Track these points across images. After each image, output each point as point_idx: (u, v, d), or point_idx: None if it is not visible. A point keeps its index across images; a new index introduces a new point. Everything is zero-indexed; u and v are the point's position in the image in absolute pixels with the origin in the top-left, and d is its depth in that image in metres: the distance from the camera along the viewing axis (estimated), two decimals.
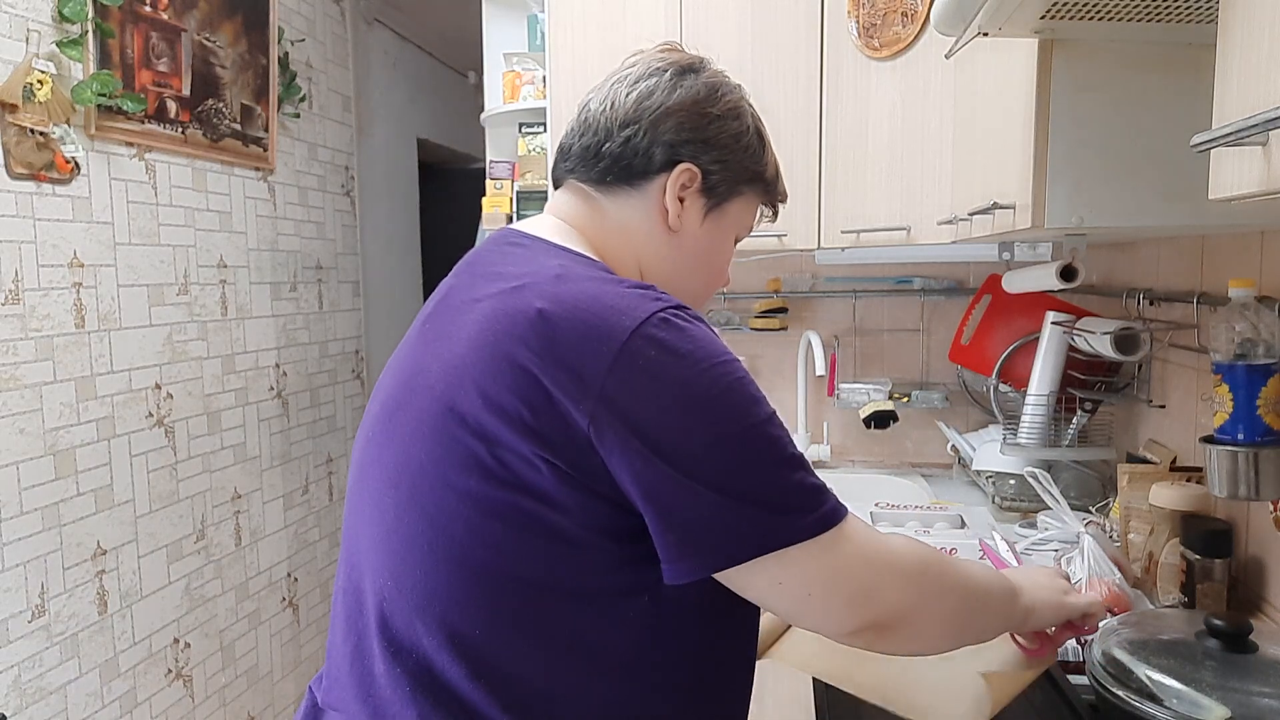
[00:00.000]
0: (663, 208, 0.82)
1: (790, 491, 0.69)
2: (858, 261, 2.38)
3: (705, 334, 0.71)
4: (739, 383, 0.70)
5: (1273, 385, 1.10)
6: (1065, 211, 1.14)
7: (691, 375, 0.67)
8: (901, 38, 1.91)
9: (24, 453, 1.79)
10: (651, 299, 0.70)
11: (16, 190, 1.76)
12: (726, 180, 0.84)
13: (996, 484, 1.98)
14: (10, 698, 1.75)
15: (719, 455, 0.67)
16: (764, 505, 0.68)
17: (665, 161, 0.81)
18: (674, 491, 0.66)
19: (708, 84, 0.83)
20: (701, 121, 0.82)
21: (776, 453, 0.69)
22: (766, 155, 0.88)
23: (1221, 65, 0.68)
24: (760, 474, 0.68)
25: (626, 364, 0.66)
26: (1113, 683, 0.93)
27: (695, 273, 0.87)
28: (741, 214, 0.88)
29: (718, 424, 0.67)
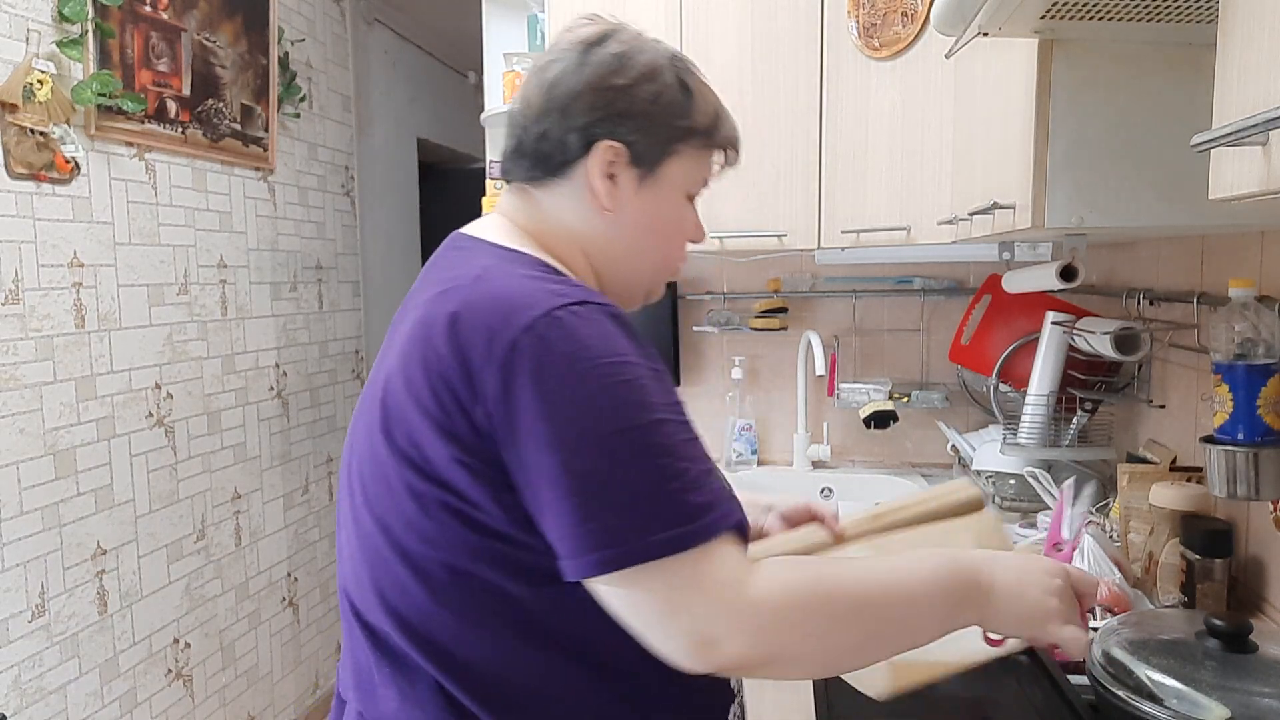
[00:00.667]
0: (592, 191, 0.81)
1: (647, 503, 0.65)
2: (858, 261, 2.38)
3: (600, 331, 0.68)
4: (623, 384, 0.67)
5: (1273, 385, 1.10)
6: (1065, 211, 1.14)
7: (572, 373, 0.66)
8: (901, 38, 1.91)
9: (24, 453, 1.79)
10: (554, 295, 0.69)
11: (16, 190, 1.76)
12: (652, 146, 0.81)
13: (996, 484, 1.98)
14: (10, 698, 1.75)
15: (584, 457, 0.65)
16: (619, 514, 0.65)
17: (583, 145, 0.80)
18: (549, 491, 0.66)
19: (615, 54, 0.81)
20: (611, 95, 0.79)
21: (645, 461, 0.66)
22: (695, 106, 0.82)
23: (1221, 65, 0.68)
24: (620, 481, 0.65)
25: (516, 362, 0.66)
26: (1113, 683, 0.93)
27: (647, 247, 0.84)
28: (685, 172, 0.84)
29: (588, 425, 0.65)
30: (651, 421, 0.67)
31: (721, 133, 0.86)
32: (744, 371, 2.48)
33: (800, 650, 0.68)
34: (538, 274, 0.75)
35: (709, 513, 0.66)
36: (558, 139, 0.80)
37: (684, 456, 0.67)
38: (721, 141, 0.86)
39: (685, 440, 0.69)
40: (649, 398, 0.68)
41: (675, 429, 0.68)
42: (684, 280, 2.53)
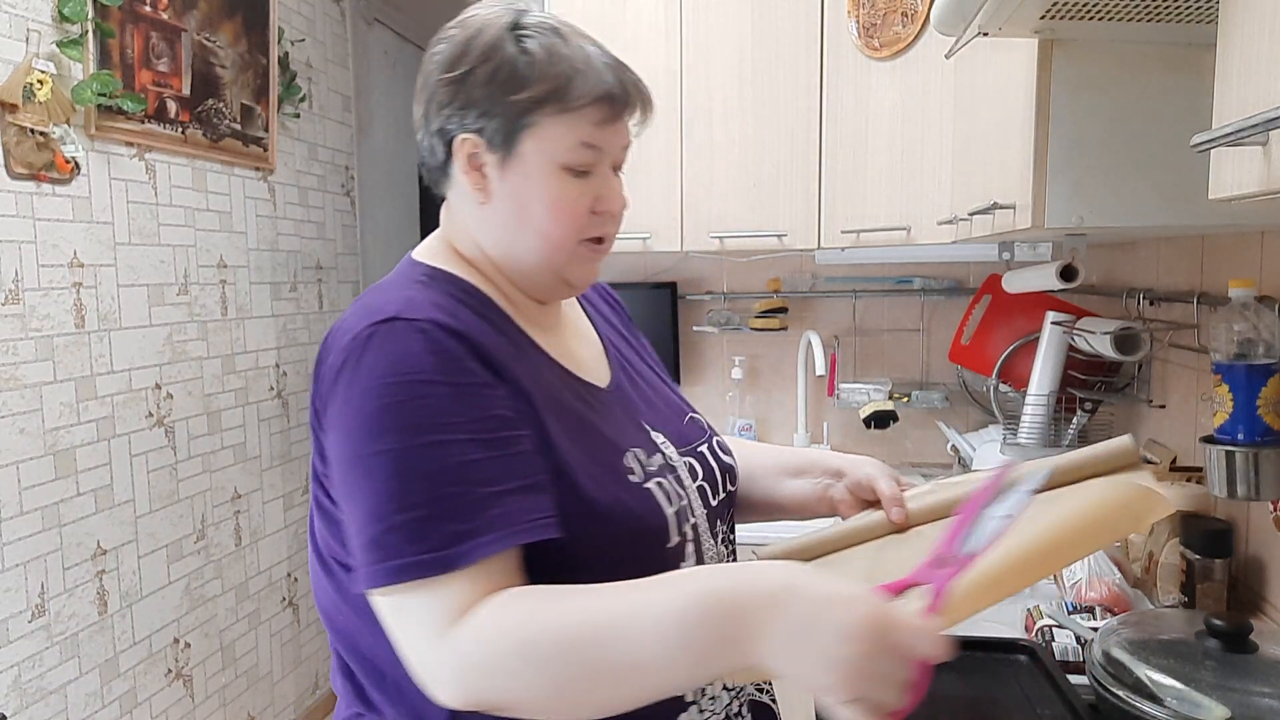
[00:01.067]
0: (467, 187, 0.81)
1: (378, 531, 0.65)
2: (858, 261, 2.38)
3: (399, 350, 0.68)
4: (394, 406, 0.67)
5: (1273, 385, 1.10)
6: (1065, 211, 1.14)
7: (358, 391, 0.68)
8: (901, 38, 1.91)
9: (24, 453, 1.79)
10: (377, 313, 0.71)
11: (16, 190, 1.76)
12: (501, 127, 0.77)
13: None
14: (10, 698, 1.75)
15: (354, 474, 0.68)
16: (365, 534, 0.66)
17: (445, 146, 0.80)
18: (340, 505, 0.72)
19: (451, 43, 0.79)
20: (451, 90, 0.78)
21: (391, 486, 0.65)
22: (539, 72, 0.76)
23: (1221, 65, 0.68)
24: (368, 503, 0.66)
25: (334, 381, 0.71)
26: (1113, 683, 0.93)
27: (526, 230, 0.79)
28: (548, 143, 0.77)
29: (360, 443, 0.67)
30: (420, 444, 0.66)
31: (578, 90, 0.77)
32: (744, 371, 2.48)
33: (510, 696, 0.62)
34: (411, 285, 0.77)
35: (456, 542, 0.64)
36: (429, 147, 0.82)
37: (447, 481, 0.65)
38: (580, 99, 0.77)
39: (460, 463, 0.66)
40: (428, 419, 0.67)
41: (451, 452, 0.66)
42: (684, 280, 2.53)
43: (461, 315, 0.74)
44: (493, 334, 0.76)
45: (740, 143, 2.14)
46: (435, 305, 0.73)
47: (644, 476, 0.79)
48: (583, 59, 0.78)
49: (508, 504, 0.67)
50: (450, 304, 0.75)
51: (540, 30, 0.78)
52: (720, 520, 0.88)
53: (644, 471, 0.79)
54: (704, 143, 2.15)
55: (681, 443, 0.88)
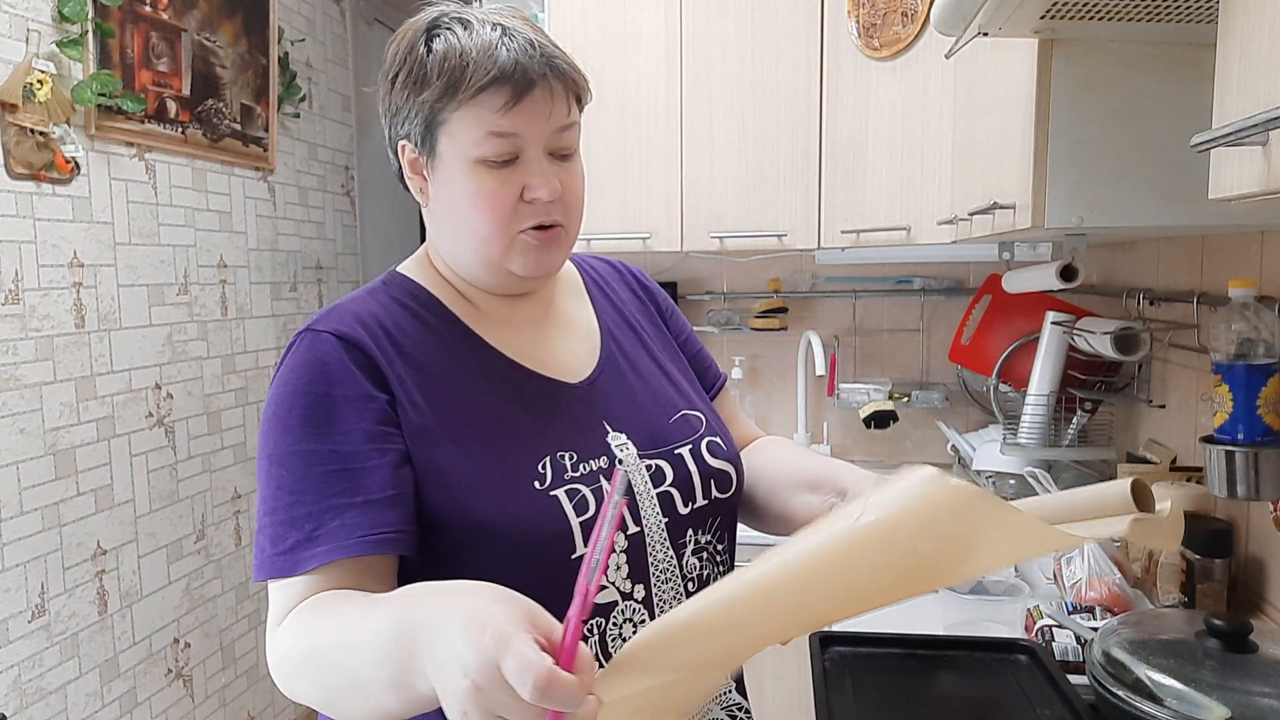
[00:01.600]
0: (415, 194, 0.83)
1: (263, 528, 0.72)
2: (858, 261, 2.38)
3: (296, 360, 0.74)
4: (277, 414, 0.73)
5: (1273, 385, 1.10)
6: (1065, 211, 1.14)
7: (269, 399, 0.75)
8: (901, 38, 1.91)
9: (24, 453, 1.79)
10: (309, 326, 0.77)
11: (16, 190, 1.76)
12: (419, 129, 0.77)
13: (996, 484, 1.98)
14: (10, 698, 1.75)
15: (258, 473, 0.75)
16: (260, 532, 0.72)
17: (395, 154, 0.82)
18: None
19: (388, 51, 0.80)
20: (386, 98, 0.80)
21: (265, 490, 0.72)
22: (432, 67, 0.75)
23: (1221, 65, 0.68)
24: (259, 508, 0.73)
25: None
26: (1113, 683, 0.93)
27: (458, 227, 0.79)
28: (459, 139, 0.75)
29: (261, 442, 0.75)
30: (283, 453, 0.72)
31: (470, 79, 0.73)
32: (744, 371, 2.48)
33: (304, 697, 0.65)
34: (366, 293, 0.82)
35: (300, 549, 0.69)
36: (391, 157, 0.83)
37: (303, 489, 0.70)
38: (472, 89, 0.73)
39: (317, 474, 0.70)
40: (305, 429, 0.71)
41: (313, 462, 0.71)
42: (684, 280, 2.53)
43: (381, 322, 0.77)
44: (420, 338, 0.78)
45: (740, 143, 2.14)
46: (353, 315, 0.77)
47: (553, 484, 0.74)
48: (480, 46, 0.73)
49: (348, 517, 0.69)
50: (379, 311, 0.78)
51: (448, 25, 0.76)
52: (697, 529, 0.83)
53: (557, 478, 0.75)
54: (704, 142, 2.15)
55: (653, 444, 0.83)
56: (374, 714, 0.59)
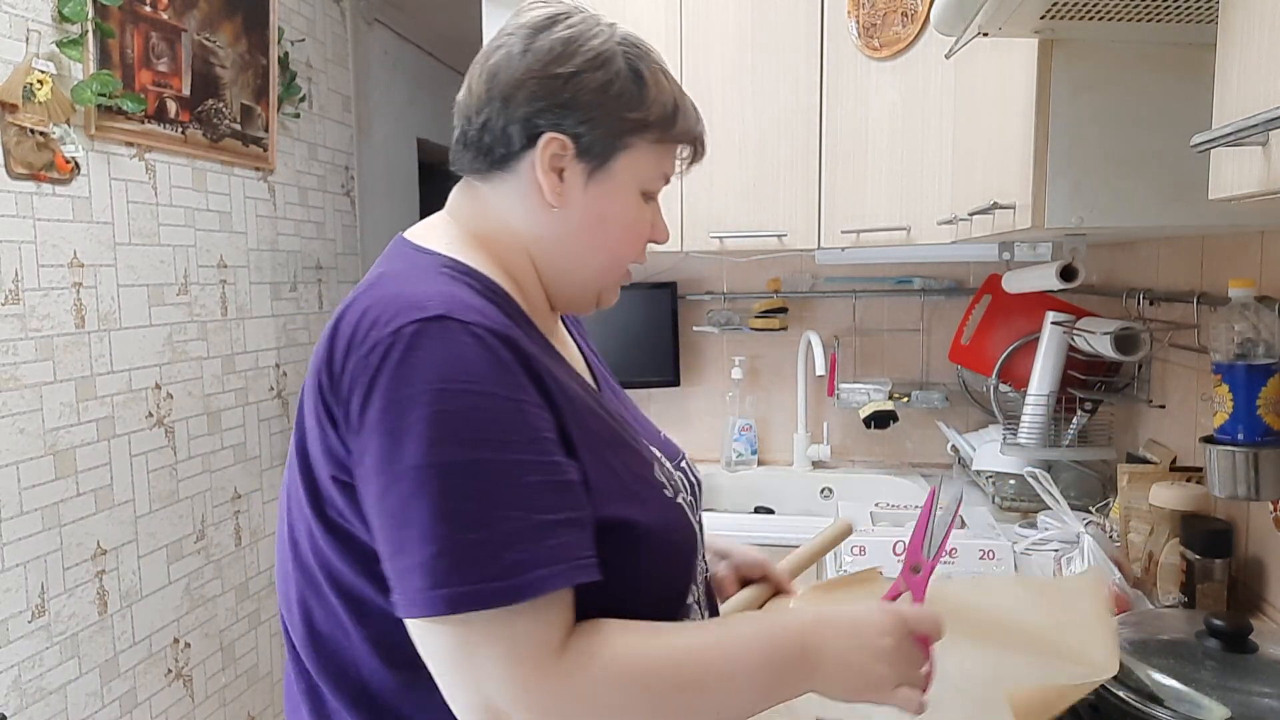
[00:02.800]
0: (537, 186, 0.76)
1: (430, 554, 0.59)
2: (858, 261, 2.38)
3: (449, 353, 0.62)
4: (449, 414, 0.61)
5: (1273, 385, 1.10)
6: (1065, 211, 1.14)
7: (407, 395, 0.61)
8: (901, 38, 1.91)
9: (24, 453, 1.79)
10: (417, 307, 0.64)
11: (16, 190, 1.76)
12: (601, 139, 0.75)
13: (996, 484, 1.98)
14: (10, 698, 1.75)
15: (398, 487, 0.61)
16: (405, 559, 0.61)
17: (526, 138, 0.75)
18: (372, 516, 0.63)
19: (562, 38, 0.74)
20: (555, 84, 0.73)
21: (446, 504, 0.60)
22: (649, 96, 0.76)
23: (1221, 65, 0.68)
24: (418, 521, 0.60)
25: (370, 377, 0.63)
26: (1113, 683, 0.93)
27: (596, 246, 0.78)
28: (640, 167, 0.77)
29: (406, 453, 0.60)
30: (473, 460, 0.60)
31: (680, 126, 0.79)
32: (744, 371, 2.48)
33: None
34: (437, 277, 0.70)
35: (521, 572, 0.60)
36: (499, 130, 0.75)
37: (508, 504, 0.61)
38: (680, 136, 0.79)
39: (519, 486, 0.61)
40: (493, 435, 0.61)
41: (511, 473, 0.61)
42: (684, 280, 2.53)
43: (504, 324, 0.67)
44: (528, 342, 0.69)
45: (740, 143, 2.14)
46: (478, 308, 0.66)
47: (673, 491, 0.78)
48: (681, 97, 0.80)
49: (562, 536, 0.63)
50: (488, 307, 0.68)
51: (646, 54, 0.78)
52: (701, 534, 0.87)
53: (670, 486, 0.78)
54: None
55: (668, 457, 0.85)
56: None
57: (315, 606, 0.71)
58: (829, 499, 2.36)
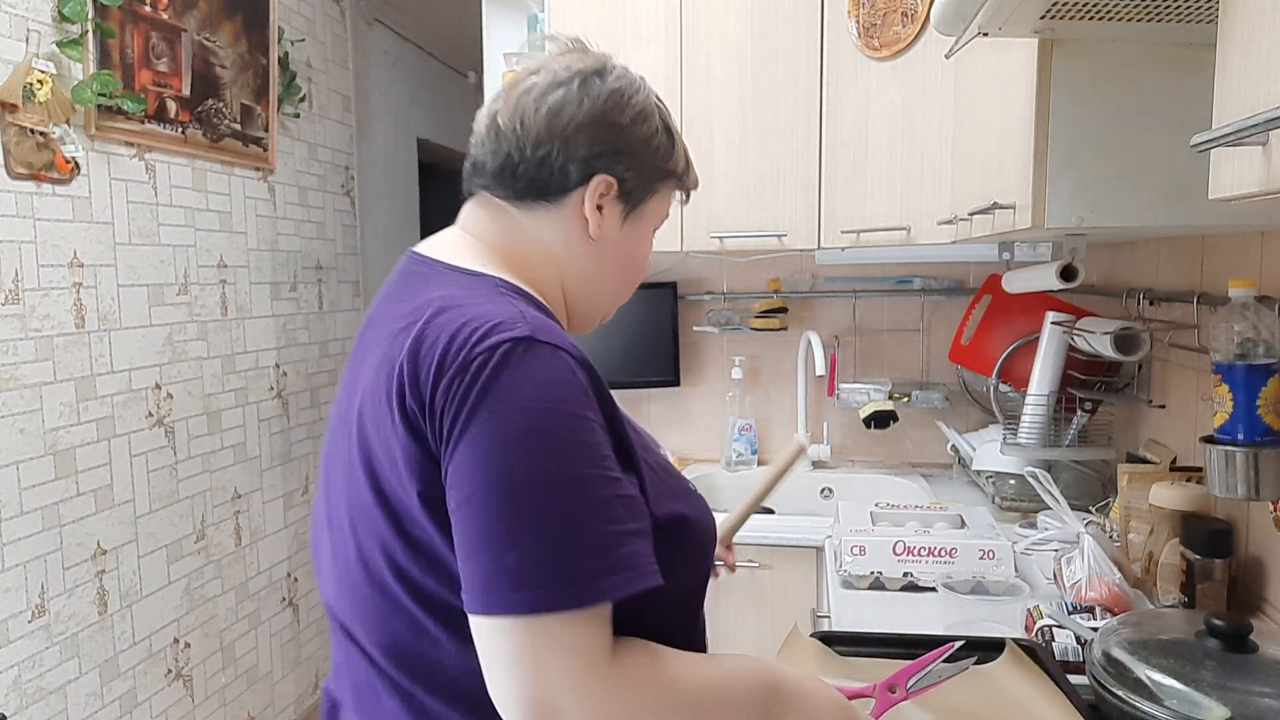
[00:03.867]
0: (582, 219, 0.83)
1: (513, 559, 0.64)
2: (858, 261, 2.38)
3: (542, 374, 0.67)
4: (545, 431, 0.66)
5: (1273, 385, 1.10)
6: (1065, 211, 1.14)
7: (510, 410, 0.66)
8: (901, 38, 1.91)
9: (24, 453, 1.79)
10: (501, 327, 0.68)
11: (16, 190, 1.76)
12: (641, 183, 0.85)
13: (996, 484, 1.98)
14: (10, 698, 1.75)
15: (490, 495, 0.65)
16: (488, 562, 0.65)
17: (581, 176, 0.82)
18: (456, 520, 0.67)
19: (613, 90, 0.82)
20: (612, 133, 0.82)
21: (534, 513, 0.65)
22: (676, 150, 0.88)
23: (1221, 65, 0.68)
24: (505, 526, 0.65)
25: (462, 395, 0.66)
26: (1113, 683, 0.93)
27: (615, 274, 0.89)
28: (658, 208, 0.90)
29: (503, 465, 0.65)
30: (565, 477, 0.66)
31: (690, 177, 0.92)
32: (744, 371, 2.48)
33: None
34: (501, 298, 0.75)
35: (595, 579, 0.65)
36: (559, 167, 0.81)
37: (585, 515, 0.66)
38: (690, 184, 0.93)
39: (595, 499, 0.67)
40: (577, 453, 0.67)
41: (592, 487, 0.67)
42: (684, 280, 2.53)
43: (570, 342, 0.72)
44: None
45: (740, 143, 2.14)
46: (556, 331, 0.72)
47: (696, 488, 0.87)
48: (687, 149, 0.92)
49: (630, 545, 0.67)
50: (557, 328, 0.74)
51: (668, 112, 0.89)
52: None
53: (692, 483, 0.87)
54: (704, 143, 2.15)
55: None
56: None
57: (396, 620, 0.74)
58: (829, 499, 2.36)
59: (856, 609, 1.43)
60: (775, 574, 1.95)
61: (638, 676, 0.68)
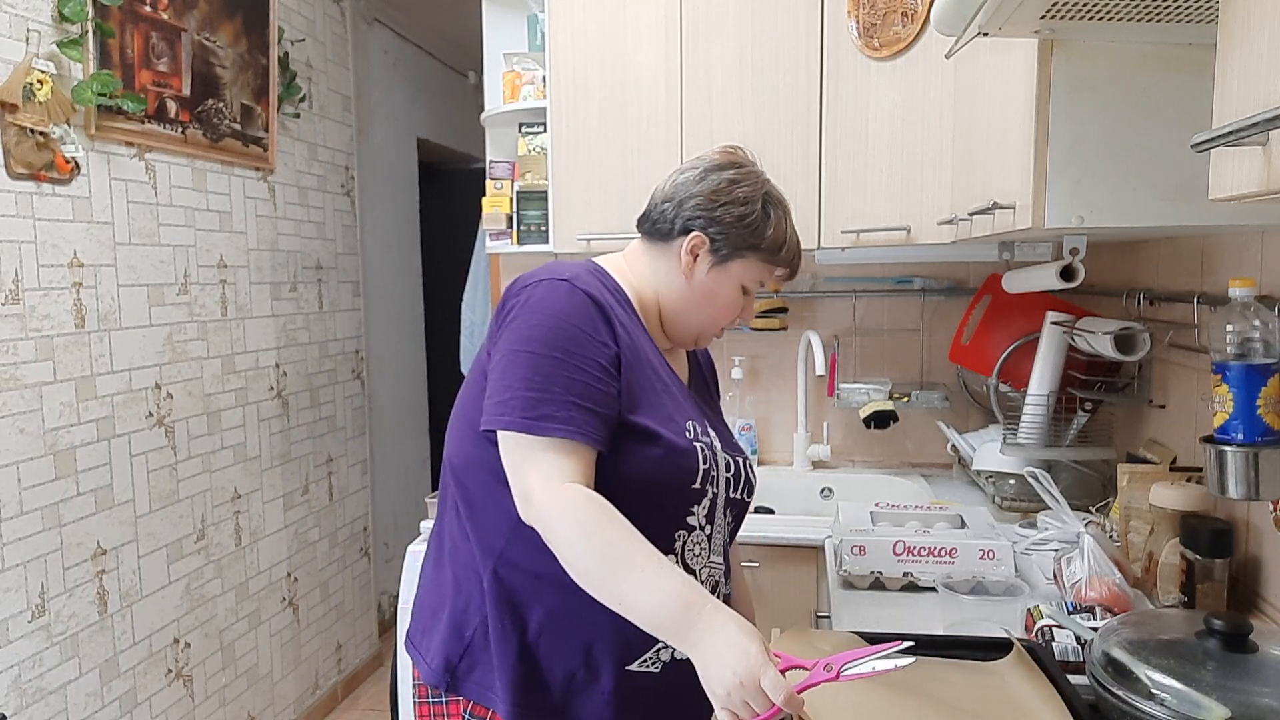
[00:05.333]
0: (679, 260, 1.14)
1: (516, 394, 0.99)
2: (858, 261, 2.38)
3: (559, 297, 1.03)
4: (544, 325, 1.01)
5: (1273, 385, 1.10)
6: (1065, 211, 1.14)
7: (534, 310, 1.03)
8: (901, 38, 1.91)
9: (24, 453, 1.79)
10: (557, 274, 1.06)
11: (16, 190, 1.76)
12: (728, 246, 1.13)
13: (996, 484, 1.98)
14: (10, 698, 1.75)
15: (504, 354, 1.02)
16: (495, 395, 1.01)
17: (683, 229, 1.14)
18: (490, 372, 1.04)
19: (729, 178, 1.14)
20: (712, 205, 1.12)
21: (523, 371, 0.99)
22: (769, 233, 1.14)
23: (1221, 65, 0.68)
24: (508, 376, 1.00)
25: (514, 303, 1.05)
26: (1113, 683, 0.93)
27: (699, 307, 1.16)
28: (746, 271, 1.15)
29: (517, 339, 1.02)
30: (548, 354, 1.00)
31: (781, 255, 1.17)
32: (744, 371, 2.48)
33: (562, 540, 0.95)
34: (578, 268, 1.10)
35: (545, 420, 0.97)
36: (669, 219, 1.15)
37: (557, 384, 0.98)
38: (779, 261, 1.17)
39: (568, 377, 0.99)
40: (564, 344, 1.00)
41: (565, 367, 0.99)
42: None
43: (609, 298, 1.08)
44: (625, 318, 1.09)
45: (740, 143, 2.12)
46: (596, 285, 1.07)
47: (694, 439, 1.10)
48: (791, 238, 1.18)
49: (579, 413, 0.99)
50: (605, 291, 1.09)
51: (778, 205, 1.17)
52: (731, 510, 1.17)
53: (695, 436, 1.10)
54: (704, 143, 2.15)
55: (726, 447, 1.18)
56: (617, 606, 0.94)
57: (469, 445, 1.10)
58: (829, 499, 2.36)
59: (856, 609, 1.43)
60: (775, 574, 1.94)
61: (580, 500, 0.95)
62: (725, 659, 0.87)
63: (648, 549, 0.94)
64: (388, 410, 3.60)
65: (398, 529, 3.66)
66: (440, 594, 1.15)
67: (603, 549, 0.94)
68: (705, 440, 1.12)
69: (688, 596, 0.91)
